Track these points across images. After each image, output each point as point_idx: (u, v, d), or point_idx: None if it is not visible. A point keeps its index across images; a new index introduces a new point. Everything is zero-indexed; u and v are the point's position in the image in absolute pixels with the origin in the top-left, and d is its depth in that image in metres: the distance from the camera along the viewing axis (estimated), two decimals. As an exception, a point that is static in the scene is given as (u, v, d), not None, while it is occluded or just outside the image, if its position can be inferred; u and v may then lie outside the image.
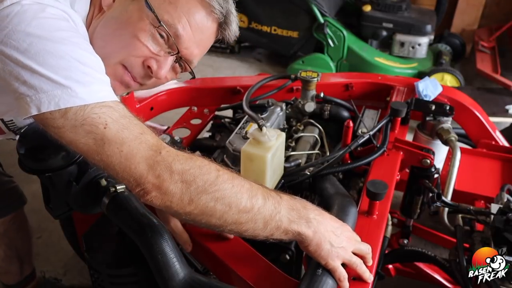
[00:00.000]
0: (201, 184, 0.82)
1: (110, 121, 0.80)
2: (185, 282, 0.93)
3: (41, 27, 0.80)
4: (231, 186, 0.85)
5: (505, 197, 1.34)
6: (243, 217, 0.85)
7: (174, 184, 0.81)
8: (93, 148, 0.80)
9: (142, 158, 0.80)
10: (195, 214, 0.84)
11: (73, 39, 0.84)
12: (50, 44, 0.79)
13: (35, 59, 0.78)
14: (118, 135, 0.80)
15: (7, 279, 1.68)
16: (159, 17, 0.91)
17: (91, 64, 0.84)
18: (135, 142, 0.81)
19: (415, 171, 1.41)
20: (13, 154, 1.16)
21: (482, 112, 1.75)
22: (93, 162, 0.83)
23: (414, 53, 3.43)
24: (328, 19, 3.34)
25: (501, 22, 3.81)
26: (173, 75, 1.04)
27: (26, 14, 0.80)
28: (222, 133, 1.64)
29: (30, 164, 1.12)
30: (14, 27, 0.78)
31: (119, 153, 0.80)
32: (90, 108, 0.79)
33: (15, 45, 0.78)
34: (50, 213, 1.28)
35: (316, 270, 0.91)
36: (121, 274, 1.20)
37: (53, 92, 0.78)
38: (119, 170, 0.81)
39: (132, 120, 0.83)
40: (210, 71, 3.74)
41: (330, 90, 1.72)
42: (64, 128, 0.80)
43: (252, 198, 0.86)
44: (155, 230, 0.98)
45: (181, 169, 0.82)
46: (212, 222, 0.86)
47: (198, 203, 0.83)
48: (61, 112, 0.78)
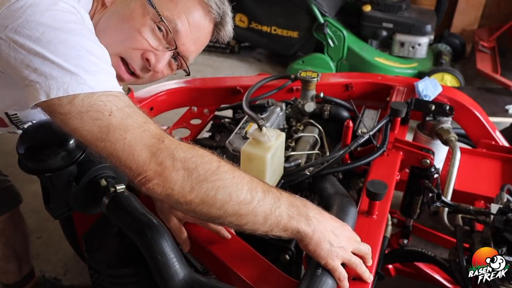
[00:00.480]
0: (202, 173, 0.83)
1: (115, 109, 0.82)
2: (185, 282, 0.93)
3: (53, 18, 0.84)
4: (232, 177, 0.85)
5: (505, 197, 1.34)
6: (243, 208, 0.85)
7: (176, 171, 0.82)
8: (98, 135, 0.82)
9: (145, 145, 0.82)
10: (195, 203, 0.84)
11: (83, 31, 0.87)
12: (61, 34, 0.83)
13: (47, 47, 0.81)
14: (122, 122, 0.82)
15: (6, 279, 1.69)
16: (160, 13, 0.97)
17: (99, 55, 0.88)
18: (138, 130, 0.83)
19: (415, 171, 1.41)
20: (13, 154, 1.16)
21: (482, 112, 1.75)
22: (97, 149, 0.84)
23: (414, 53, 3.44)
24: (328, 19, 3.34)
25: (501, 22, 3.81)
26: (169, 71, 1.09)
27: (40, 6, 0.84)
28: (222, 133, 1.64)
29: (30, 164, 1.12)
30: (28, 17, 0.82)
31: (122, 140, 0.81)
32: (97, 96, 0.82)
33: (28, 34, 0.81)
34: (50, 213, 1.28)
35: (316, 270, 0.91)
36: (121, 274, 1.20)
37: (63, 78, 0.81)
38: (122, 157, 0.82)
39: (136, 110, 0.86)
40: (210, 71, 3.74)
41: (330, 90, 1.72)
42: (70, 115, 0.81)
43: (252, 190, 0.86)
44: (155, 230, 0.98)
45: (183, 157, 0.83)
46: (213, 212, 0.86)
47: (199, 191, 0.83)
48: (69, 98, 0.81)
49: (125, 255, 1.21)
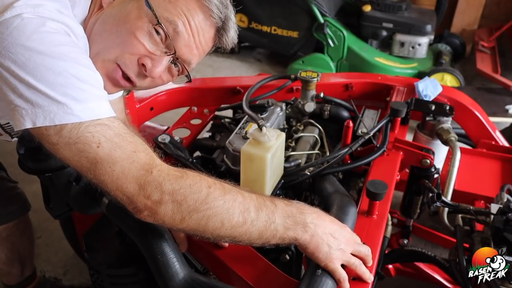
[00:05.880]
0: (192, 203, 0.84)
1: (104, 140, 0.81)
2: (185, 282, 0.93)
3: (41, 41, 0.79)
4: (222, 202, 0.86)
5: (505, 197, 1.34)
6: (236, 231, 0.87)
7: (165, 204, 0.83)
8: (86, 166, 0.82)
9: (133, 178, 0.82)
10: (187, 230, 0.87)
11: (72, 54, 0.83)
12: (48, 60, 0.79)
13: (33, 73, 0.78)
14: (110, 154, 0.81)
15: (8, 280, 1.68)
16: (158, 15, 0.91)
17: (89, 80, 0.84)
18: (127, 161, 0.82)
19: (415, 171, 1.41)
20: (13, 154, 1.16)
21: (482, 112, 1.75)
22: (87, 178, 0.85)
23: (414, 53, 3.43)
24: (328, 19, 3.34)
25: (501, 22, 3.81)
26: (169, 77, 1.03)
27: (26, 27, 0.79)
28: (222, 133, 1.64)
29: (30, 164, 1.13)
30: (13, 40, 0.78)
31: (111, 172, 0.81)
32: (84, 127, 0.80)
33: (13, 58, 0.78)
34: (50, 213, 1.28)
35: (316, 270, 0.91)
36: (121, 274, 1.20)
37: (49, 107, 0.79)
38: (111, 189, 0.83)
39: (126, 137, 0.84)
40: (210, 71, 3.74)
41: (330, 90, 1.72)
42: (58, 145, 0.81)
43: (244, 212, 0.86)
44: (154, 230, 0.98)
45: (171, 189, 0.83)
46: (206, 236, 0.88)
47: (190, 221, 0.84)
48: (56, 128, 0.79)
49: (125, 255, 1.21)
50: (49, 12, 0.84)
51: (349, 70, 3.44)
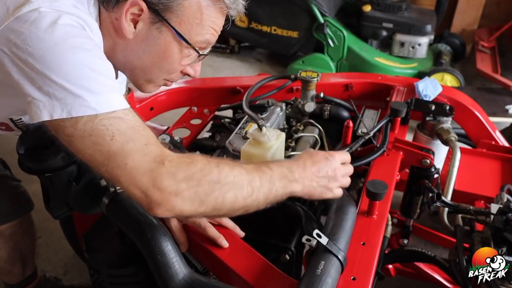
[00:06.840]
0: (206, 186, 0.87)
1: (117, 133, 0.82)
2: (184, 283, 0.93)
3: (57, 34, 0.82)
4: (232, 178, 0.90)
5: (505, 197, 1.34)
6: (248, 201, 0.92)
7: (182, 193, 0.85)
8: (99, 159, 0.83)
9: (146, 171, 0.83)
10: (207, 212, 0.91)
11: (86, 46, 0.86)
12: (63, 52, 0.81)
13: (49, 66, 0.80)
14: (123, 147, 0.82)
15: (9, 279, 1.68)
16: (192, 42, 0.98)
17: (103, 71, 0.87)
18: (139, 154, 0.83)
19: (415, 171, 1.41)
20: (13, 154, 1.16)
21: (482, 112, 1.75)
22: (100, 172, 0.86)
23: (414, 53, 3.43)
24: (328, 19, 3.34)
25: (501, 22, 3.81)
26: None
27: (43, 21, 0.82)
28: (222, 133, 1.64)
29: (30, 164, 1.13)
30: (31, 34, 0.81)
31: (123, 166, 0.82)
32: (99, 119, 0.82)
33: (30, 51, 0.80)
34: (50, 213, 1.28)
35: (316, 270, 0.91)
36: (121, 274, 1.20)
37: (66, 100, 0.80)
38: (124, 183, 0.84)
39: (138, 131, 0.85)
40: (210, 71, 3.74)
41: (330, 90, 1.72)
42: (73, 137, 0.82)
43: (251, 182, 0.92)
44: (154, 230, 0.98)
45: (185, 176, 0.85)
46: (222, 212, 0.94)
47: (209, 202, 0.88)
48: (72, 121, 0.81)
49: (125, 255, 1.21)
50: (66, 6, 0.87)
51: (349, 70, 3.44)
